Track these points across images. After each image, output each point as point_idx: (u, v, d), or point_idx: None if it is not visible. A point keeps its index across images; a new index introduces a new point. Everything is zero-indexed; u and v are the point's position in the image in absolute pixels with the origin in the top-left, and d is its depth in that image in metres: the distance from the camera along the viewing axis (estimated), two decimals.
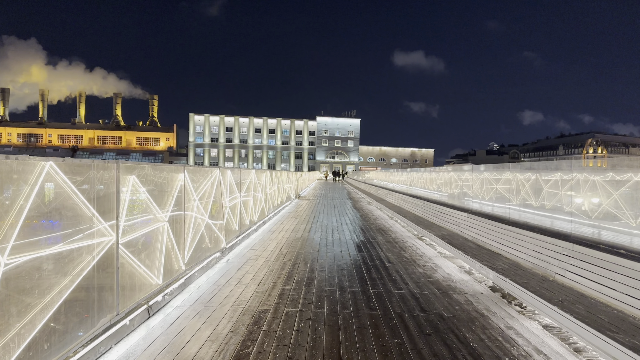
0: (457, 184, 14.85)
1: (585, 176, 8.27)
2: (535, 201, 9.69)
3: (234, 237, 10.22)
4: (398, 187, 25.78)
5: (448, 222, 11.09)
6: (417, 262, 9.10)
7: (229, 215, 9.68)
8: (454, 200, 13.85)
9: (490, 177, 11.46)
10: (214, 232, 8.39)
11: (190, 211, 7.12)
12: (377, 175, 44.13)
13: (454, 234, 10.29)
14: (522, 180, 9.69)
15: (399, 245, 11.07)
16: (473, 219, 9.45)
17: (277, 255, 9.43)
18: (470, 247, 8.70)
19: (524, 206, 9.42)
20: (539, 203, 9.39)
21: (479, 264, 7.17)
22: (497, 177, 10.97)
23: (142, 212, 5.37)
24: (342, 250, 10.31)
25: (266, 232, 12.90)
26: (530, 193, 9.66)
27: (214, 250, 8.39)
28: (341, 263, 8.82)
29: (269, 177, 16.45)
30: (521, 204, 9.53)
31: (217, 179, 8.58)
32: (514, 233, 7.32)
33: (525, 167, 10.62)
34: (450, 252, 9.48)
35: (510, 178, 9.70)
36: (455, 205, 12.12)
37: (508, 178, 9.90)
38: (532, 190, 9.57)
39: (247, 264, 8.56)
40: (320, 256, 9.46)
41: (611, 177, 7.42)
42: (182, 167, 6.62)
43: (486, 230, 8.56)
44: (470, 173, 13.25)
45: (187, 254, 6.84)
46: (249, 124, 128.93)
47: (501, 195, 10.46)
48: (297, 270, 8.04)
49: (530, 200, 9.54)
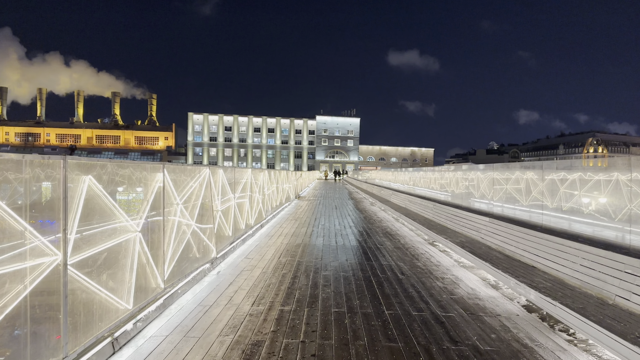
0: (463, 183, 13.81)
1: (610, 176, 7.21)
2: (551, 202, 8.63)
3: (227, 244, 9.13)
4: (402, 187, 24.69)
5: (465, 227, 10.00)
6: (434, 273, 8.02)
7: (220, 219, 8.60)
8: (462, 201, 12.80)
9: (501, 177, 10.39)
10: (202, 240, 7.30)
11: (173, 216, 6.04)
12: (379, 174, 43.03)
13: (474, 241, 9.20)
14: (533, 180, 8.63)
15: (410, 253, 9.99)
16: (497, 224, 8.36)
17: (276, 266, 8.34)
18: (496, 257, 7.62)
19: (544, 209, 8.36)
20: (557, 204, 8.33)
21: (514, 281, 6.08)
22: (509, 177, 9.91)
23: (106, 220, 4.29)
24: (348, 258, 9.22)
25: (264, 237, 11.81)
26: (546, 194, 8.60)
27: (203, 261, 7.31)
28: (348, 275, 7.74)
29: (267, 177, 15.36)
30: (540, 205, 8.47)
31: (207, 179, 7.49)
32: (554, 243, 6.24)
33: (552, 167, 9.57)
34: (470, 261, 8.42)
35: (533, 177, 8.62)
36: (472, 207, 11.03)
37: (531, 177, 8.82)
38: (548, 191, 8.50)
39: (241, 276, 7.47)
40: (323, 266, 8.37)
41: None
42: (161, 165, 5.53)
43: (515, 239, 7.47)
44: (483, 172, 12.20)
45: (167, 268, 5.75)
46: (248, 123, 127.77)
47: (512, 196, 9.42)
48: (298, 285, 6.95)
49: (548, 201, 8.48)
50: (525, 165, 9.46)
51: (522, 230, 7.29)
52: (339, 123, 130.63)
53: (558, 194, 7.84)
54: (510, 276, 6.31)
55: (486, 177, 10.69)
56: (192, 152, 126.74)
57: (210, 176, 7.68)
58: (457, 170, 15.83)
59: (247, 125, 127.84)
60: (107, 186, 4.26)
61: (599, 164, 11.32)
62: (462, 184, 13.98)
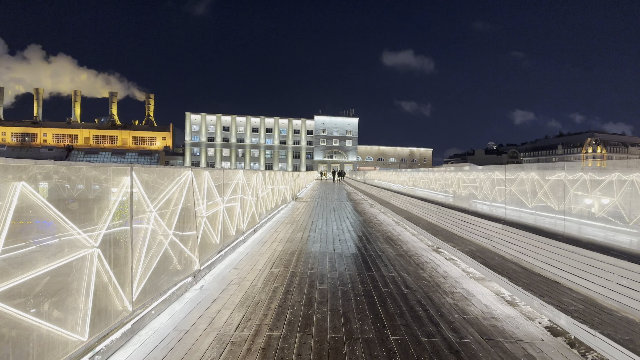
0: (469, 185, 13.04)
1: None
2: (574, 208, 7.86)
3: (215, 253, 8.34)
4: (403, 189, 23.90)
5: (474, 234, 9.21)
6: (442, 286, 7.23)
7: (206, 226, 7.80)
8: (469, 205, 12.03)
9: (512, 177, 9.61)
10: (183, 251, 6.50)
11: (146, 224, 5.24)
12: (378, 175, 42.21)
13: (485, 250, 8.41)
14: (558, 182, 7.85)
15: (414, 261, 9.21)
16: (511, 232, 7.57)
17: (267, 278, 7.54)
18: (513, 270, 6.82)
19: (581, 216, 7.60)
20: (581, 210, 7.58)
21: (538, 301, 5.29)
22: (523, 178, 9.14)
23: (48, 235, 3.49)
24: (347, 268, 8.44)
25: (256, 243, 11.01)
26: (569, 198, 7.85)
27: (184, 275, 6.51)
28: (346, 289, 6.94)
29: (261, 178, 14.56)
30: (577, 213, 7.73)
31: (189, 182, 6.69)
32: (581, 256, 5.45)
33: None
34: (479, 271, 7.64)
35: (562, 179, 7.82)
36: (481, 212, 10.25)
37: (558, 178, 8.03)
38: (569, 195, 7.75)
39: (227, 291, 6.67)
40: (319, 278, 7.58)
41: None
42: (128, 168, 4.73)
43: (534, 249, 6.68)
44: (502, 172, 11.43)
45: (136, 287, 4.95)
46: (246, 123, 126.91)
47: (546, 203, 8.65)
48: (290, 303, 6.15)
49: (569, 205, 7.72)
50: (547, 166, 8.68)
51: (542, 239, 6.50)
52: (338, 123, 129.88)
53: (581, 199, 7.07)
54: (532, 295, 5.52)
55: (497, 178, 9.91)
56: (190, 152, 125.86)
57: (193, 179, 6.88)
58: (458, 170, 15.06)
59: (245, 125, 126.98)
60: (53, 193, 3.47)
61: (598, 164, 10.53)
62: (466, 185, 13.21)
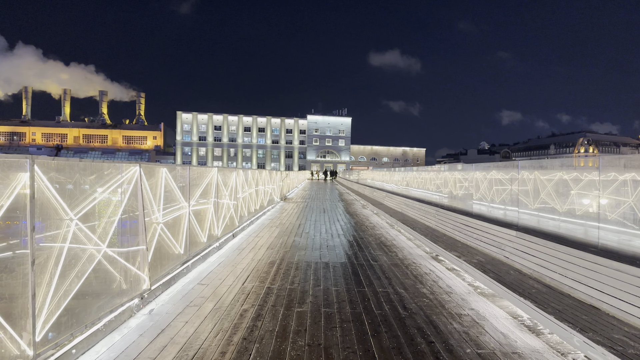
0: (473, 184, 11.89)
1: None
2: (610, 213, 6.69)
3: (178, 265, 7.04)
4: (397, 189, 22.69)
5: (481, 242, 8.00)
6: (447, 306, 6.00)
7: (163, 234, 6.50)
8: (472, 208, 10.86)
9: (529, 177, 8.44)
10: (127, 268, 5.20)
11: (60, 242, 3.95)
12: (371, 174, 41.01)
13: (496, 261, 7.17)
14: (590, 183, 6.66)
15: (411, 272, 7.98)
16: (528, 240, 6.35)
17: (236, 297, 6.26)
18: (534, 288, 5.60)
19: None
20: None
21: (571, 331, 4.07)
22: (539, 177, 7.95)
23: None
24: (334, 282, 7.18)
25: (233, 251, 9.72)
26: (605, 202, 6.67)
27: (128, 296, 5.21)
28: (331, 311, 5.68)
29: (243, 178, 13.26)
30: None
31: (136, 181, 5.40)
32: (632, 277, 4.25)
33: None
34: (489, 287, 6.43)
35: (595, 179, 6.63)
36: (488, 215, 9.03)
37: (592, 179, 6.85)
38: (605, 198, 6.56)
39: (183, 316, 5.38)
40: (300, 297, 6.31)
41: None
42: (26, 160, 3.44)
43: (560, 263, 5.46)
44: (509, 171, 10.25)
45: (42, 323, 3.66)
46: (238, 122, 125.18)
47: (550, 204, 7.48)
48: (258, 334, 4.87)
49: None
50: (569, 163, 7.49)
51: (572, 252, 5.30)
52: (330, 123, 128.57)
53: (621, 204, 5.86)
54: (563, 322, 4.30)
55: (505, 177, 8.69)
56: (181, 151, 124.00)
57: (143, 178, 5.59)
58: (453, 170, 13.88)
59: (237, 124, 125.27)
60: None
61: (590, 164, 9.52)
62: (466, 185, 12.02)
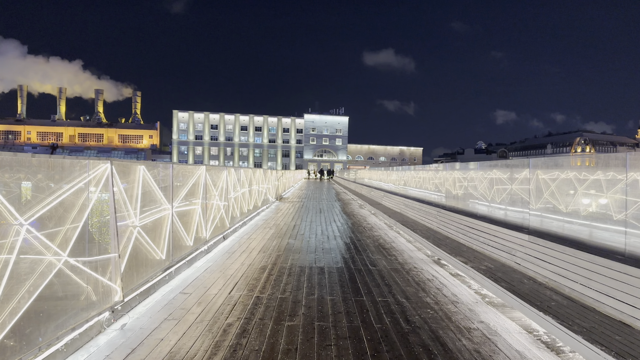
0: (481, 184, 11.34)
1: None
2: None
3: (159, 272, 6.44)
4: (396, 188, 22.12)
5: (490, 246, 7.42)
6: (454, 318, 5.44)
7: (141, 238, 5.89)
8: (480, 209, 10.31)
9: (548, 177, 7.83)
10: (95, 279, 4.60)
11: (6, 252, 3.35)
12: (368, 174, 40.43)
13: (506, 268, 6.59)
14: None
15: (413, 278, 7.41)
16: (543, 245, 5.77)
17: (220, 308, 5.67)
18: (552, 299, 5.03)
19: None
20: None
21: (597, 350, 3.50)
22: (559, 176, 7.38)
23: None
24: (330, 290, 6.60)
25: (222, 254, 9.13)
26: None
27: (96, 310, 4.60)
28: (326, 326, 5.10)
29: (235, 177, 12.66)
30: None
31: (105, 181, 4.79)
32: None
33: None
34: (497, 295, 5.87)
35: (624, 178, 6.07)
36: (496, 217, 8.44)
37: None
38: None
39: (158, 332, 4.78)
40: (291, 308, 5.72)
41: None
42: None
43: (582, 272, 4.88)
44: (519, 171, 9.68)
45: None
46: (235, 121, 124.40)
47: (571, 207, 6.90)
48: (242, 354, 4.27)
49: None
50: (607, 159, 6.92)
51: (596, 260, 4.73)
52: (328, 122, 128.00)
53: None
54: (590, 342, 3.72)
55: (515, 177, 8.10)
56: (177, 150, 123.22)
57: (115, 176, 4.98)
58: (455, 169, 13.31)
59: (233, 123, 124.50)
60: None
61: (587, 163, 9.01)
62: (472, 184, 11.46)
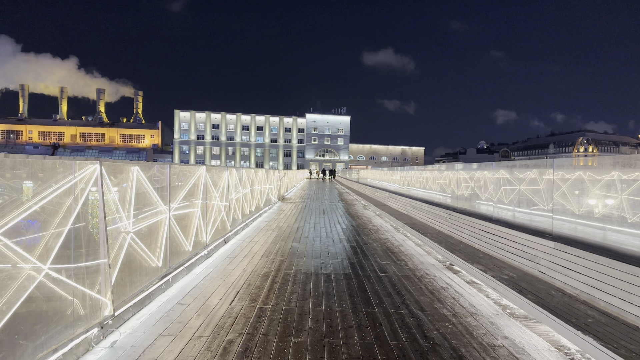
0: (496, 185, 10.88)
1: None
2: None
3: (155, 280, 5.99)
4: (401, 189, 21.64)
5: (509, 252, 6.93)
6: (475, 334, 4.97)
7: (135, 245, 5.44)
8: (493, 211, 9.83)
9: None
10: (83, 293, 4.16)
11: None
12: (371, 174, 39.91)
13: (530, 278, 6.10)
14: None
15: (425, 287, 6.94)
16: (573, 253, 5.30)
17: (222, 321, 5.21)
18: (586, 315, 4.56)
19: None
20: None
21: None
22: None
23: None
24: (338, 300, 6.13)
25: (224, 259, 8.68)
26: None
27: (83, 327, 4.15)
28: (336, 343, 4.64)
29: (237, 177, 12.21)
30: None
31: (93, 182, 4.34)
32: None
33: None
34: (520, 306, 5.40)
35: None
36: (510, 221, 7.96)
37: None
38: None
39: (151, 351, 4.32)
40: (297, 322, 5.26)
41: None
42: None
43: (620, 285, 4.42)
44: (542, 171, 9.19)
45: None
46: (237, 121, 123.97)
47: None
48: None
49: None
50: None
51: (637, 271, 4.26)
52: (329, 121, 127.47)
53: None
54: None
55: (532, 177, 7.61)
56: (179, 150, 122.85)
57: (105, 178, 4.53)
58: (467, 169, 12.84)
59: (235, 123, 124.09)
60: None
61: (589, 163, 8.56)
62: (489, 186, 10.99)
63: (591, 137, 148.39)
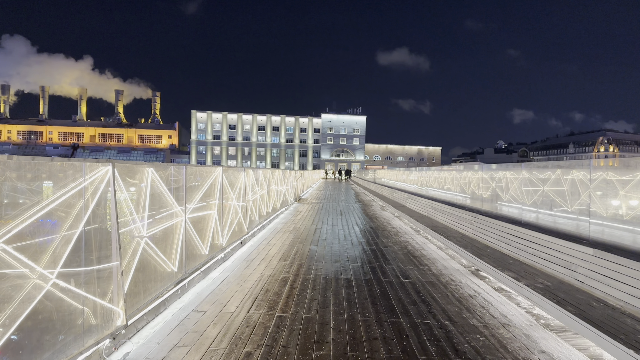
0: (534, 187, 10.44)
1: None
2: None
3: (170, 287, 5.78)
4: (422, 190, 21.19)
5: (541, 258, 6.52)
6: (510, 347, 4.61)
7: (149, 249, 5.23)
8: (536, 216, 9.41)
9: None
10: (93, 302, 3.95)
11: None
12: (387, 174, 39.40)
13: (566, 287, 5.70)
14: None
15: (452, 294, 6.58)
16: (616, 262, 4.88)
17: (239, 330, 4.96)
18: (634, 329, 4.19)
19: None
20: None
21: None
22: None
23: None
24: (361, 309, 5.82)
25: (240, 263, 8.45)
26: None
27: (94, 338, 3.94)
28: (361, 357, 4.32)
29: (253, 178, 11.99)
30: None
31: (106, 185, 4.13)
32: None
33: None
34: (555, 316, 5.01)
35: None
36: (541, 225, 7.54)
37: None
38: None
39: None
40: (318, 333, 4.97)
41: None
42: None
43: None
44: (579, 172, 8.76)
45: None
46: (252, 121, 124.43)
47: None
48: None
49: None
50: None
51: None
52: (345, 121, 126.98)
53: None
54: None
55: (576, 178, 7.17)
56: (196, 150, 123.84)
57: (118, 180, 4.31)
58: (496, 170, 12.38)
59: (251, 123, 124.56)
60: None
61: (610, 163, 8.06)
62: (519, 188, 10.55)
63: (612, 137, 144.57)
